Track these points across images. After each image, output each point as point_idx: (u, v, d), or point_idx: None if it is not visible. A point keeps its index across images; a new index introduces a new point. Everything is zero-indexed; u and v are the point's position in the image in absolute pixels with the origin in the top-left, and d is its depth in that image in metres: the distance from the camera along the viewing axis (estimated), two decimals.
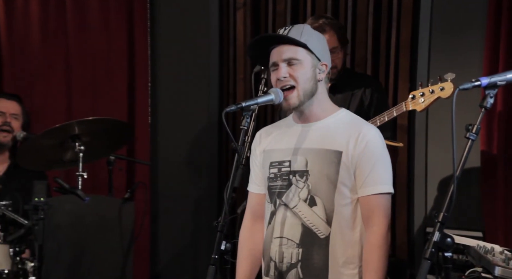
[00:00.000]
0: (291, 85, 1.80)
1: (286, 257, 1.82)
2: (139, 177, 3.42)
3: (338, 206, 1.79)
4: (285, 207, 1.83)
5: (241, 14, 3.37)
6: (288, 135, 1.88)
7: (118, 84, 3.48)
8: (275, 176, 1.86)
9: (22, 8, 3.39)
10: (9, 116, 2.99)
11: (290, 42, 1.80)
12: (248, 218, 1.96)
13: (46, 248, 2.47)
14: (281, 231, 1.83)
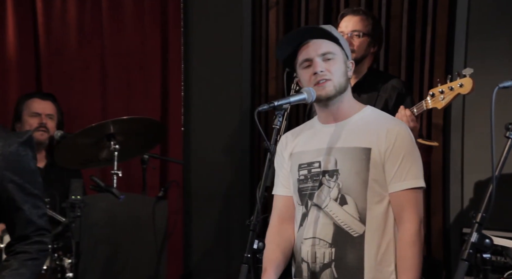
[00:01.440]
0: (328, 78, 1.80)
1: (319, 257, 1.81)
2: (172, 176, 3.46)
3: (371, 204, 1.78)
4: (317, 208, 1.83)
5: (273, 13, 3.36)
6: (315, 136, 1.87)
7: (151, 84, 3.52)
8: (305, 177, 1.86)
9: (59, 9, 3.47)
10: (44, 117, 3.05)
11: (324, 37, 1.81)
12: (275, 220, 1.94)
13: (83, 245, 2.52)
14: (313, 232, 1.82)
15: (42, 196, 1.60)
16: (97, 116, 3.45)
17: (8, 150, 1.52)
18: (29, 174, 1.55)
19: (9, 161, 1.52)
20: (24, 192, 1.54)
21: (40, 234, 1.57)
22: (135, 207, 2.87)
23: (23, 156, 1.54)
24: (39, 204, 1.57)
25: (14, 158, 1.53)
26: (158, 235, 2.87)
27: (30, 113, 3.03)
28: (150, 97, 3.52)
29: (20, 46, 3.43)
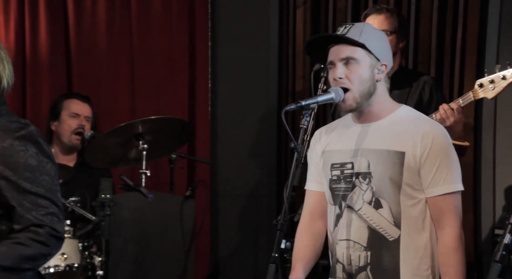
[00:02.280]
0: (346, 87, 1.77)
1: (354, 260, 1.79)
2: (200, 176, 3.48)
3: (406, 208, 1.75)
4: (350, 210, 1.81)
5: (301, 13, 3.35)
6: (348, 135, 1.85)
7: (179, 83, 3.55)
8: (338, 178, 1.83)
9: (90, 9, 3.52)
10: (83, 119, 3.10)
11: (348, 42, 1.78)
12: (306, 216, 1.93)
13: (112, 243, 2.55)
14: (347, 234, 1.80)
15: (50, 195, 1.49)
16: (126, 115, 3.49)
17: (1, 145, 1.47)
18: (27, 171, 1.47)
19: (2, 156, 1.46)
20: (18, 189, 1.46)
21: (32, 231, 1.48)
22: (163, 206, 2.90)
23: (19, 151, 1.47)
24: (41, 203, 1.48)
25: (8, 153, 1.46)
26: (185, 234, 2.89)
27: (69, 114, 3.08)
28: (178, 97, 3.54)
29: (52, 46, 3.49)
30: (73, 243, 2.57)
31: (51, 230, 1.48)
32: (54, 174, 1.52)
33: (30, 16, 3.46)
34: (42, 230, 1.47)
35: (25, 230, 1.48)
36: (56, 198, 1.51)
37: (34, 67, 3.48)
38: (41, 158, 1.50)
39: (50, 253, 1.51)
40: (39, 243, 1.47)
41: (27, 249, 1.46)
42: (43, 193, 1.48)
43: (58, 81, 3.51)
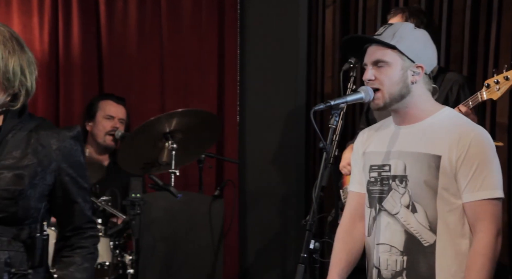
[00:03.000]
0: (376, 87, 1.76)
1: (390, 265, 1.77)
2: (228, 175, 3.48)
3: (442, 213, 1.72)
4: (386, 213, 1.78)
5: (330, 12, 3.33)
6: (387, 137, 1.83)
7: (208, 84, 3.56)
8: (375, 180, 1.81)
9: (121, 11, 3.56)
10: (117, 121, 3.14)
11: (378, 43, 1.76)
12: (347, 217, 1.91)
13: (143, 242, 2.58)
14: (384, 238, 1.78)
15: (89, 190, 1.65)
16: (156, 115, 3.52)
17: (63, 145, 1.56)
18: (80, 168, 1.59)
19: (65, 155, 1.55)
20: (77, 185, 1.58)
21: (91, 228, 1.62)
22: (192, 206, 2.91)
23: (75, 150, 1.58)
24: (88, 198, 1.62)
25: (69, 152, 1.57)
26: (214, 233, 2.90)
27: (104, 115, 3.13)
28: (207, 97, 3.56)
29: (84, 47, 3.54)
30: (105, 241, 2.60)
31: (95, 224, 1.65)
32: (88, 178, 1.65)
33: (63, 18, 3.52)
34: (95, 232, 1.63)
35: (86, 231, 1.61)
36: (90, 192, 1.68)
37: (67, 68, 3.54)
38: (84, 155, 1.62)
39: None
40: (96, 246, 1.63)
41: (96, 257, 1.63)
42: (88, 188, 1.63)
43: (89, 82, 3.56)
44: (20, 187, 1.51)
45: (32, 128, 1.57)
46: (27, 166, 1.53)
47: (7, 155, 1.54)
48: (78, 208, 1.59)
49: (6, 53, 1.52)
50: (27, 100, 1.59)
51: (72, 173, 1.57)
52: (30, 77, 1.57)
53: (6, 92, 1.54)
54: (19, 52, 1.55)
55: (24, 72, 1.55)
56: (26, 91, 1.57)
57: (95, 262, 1.62)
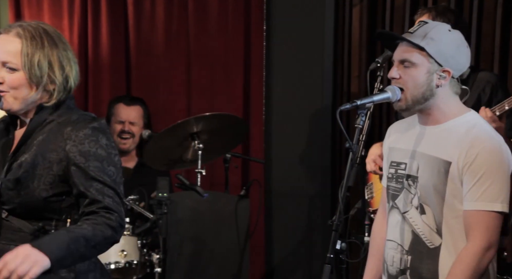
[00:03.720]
0: (400, 87, 1.74)
1: (396, 262, 1.77)
2: (254, 175, 3.49)
3: (448, 218, 1.70)
4: (398, 211, 1.78)
5: (357, 11, 3.30)
6: (409, 134, 1.81)
7: (234, 84, 3.58)
8: (392, 176, 1.82)
9: (149, 12, 3.60)
10: (127, 124, 3.16)
11: (410, 43, 1.73)
12: (381, 211, 1.92)
13: (170, 241, 2.60)
14: (393, 235, 1.79)
15: (114, 185, 1.53)
16: (182, 116, 3.54)
17: (76, 133, 1.53)
18: (96, 160, 1.52)
19: (76, 145, 1.52)
20: (86, 176, 1.51)
21: (108, 212, 1.51)
22: (218, 205, 2.93)
23: (91, 141, 1.52)
24: (107, 192, 1.51)
25: (82, 142, 1.52)
26: (240, 233, 2.91)
27: (115, 120, 3.16)
28: (232, 97, 3.57)
29: (112, 48, 3.59)
30: (132, 240, 2.63)
31: (120, 218, 1.53)
32: (119, 166, 1.57)
33: (92, 19, 3.58)
34: (113, 217, 1.51)
35: (96, 214, 1.52)
36: (120, 190, 1.55)
37: (95, 68, 3.60)
38: (110, 150, 1.55)
39: (115, 240, 1.55)
40: (111, 229, 1.51)
41: (105, 232, 1.51)
42: (109, 182, 1.52)
43: (117, 82, 3.61)
44: (14, 176, 1.52)
45: (61, 121, 1.56)
46: (28, 156, 1.54)
47: (27, 148, 1.56)
48: (85, 196, 1.51)
49: (31, 49, 1.54)
50: (64, 96, 1.58)
51: (81, 163, 1.51)
52: (62, 72, 1.57)
53: (36, 88, 1.56)
54: (49, 47, 1.56)
55: (53, 67, 1.55)
56: (60, 86, 1.57)
57: (100, 233, 1.50)
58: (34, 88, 1.56)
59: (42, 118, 1.58)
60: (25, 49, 1.54)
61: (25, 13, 3.60)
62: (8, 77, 1.55)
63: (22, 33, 1.55)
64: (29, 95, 1.56)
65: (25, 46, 1.54)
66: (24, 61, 1.54)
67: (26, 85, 1.55)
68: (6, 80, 1.55)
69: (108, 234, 1.51)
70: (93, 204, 1.52)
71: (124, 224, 1.55)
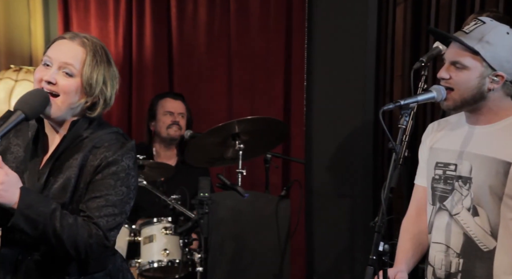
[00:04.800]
0: (448, 87, 1.70)
1: (445, 265, 1.73)
2: (294, 175, 3.49)
3: (505, 220, 1.66)
4: (447, 213, 1.74)
5: (401, 10, 3.25)
6: (457, 134, 1.77)
7: (275, 84, 3.58)
8: (439, 178, 1.77)
9: (191, 14, 3.65)
10: (177, 115, 3.24)
11: (463, 44, 1.68)
12: (413, 209, 1.89)
13: (211, 240, 2.62)
14: (441, 238, 1.75)
15: (119, 204, 1.55)
16: (223, 115, 3.58)
17: (105, 155, 1.56)
18: (112, 179, 1.54)
19: (104, 163, 1.56)
20: (95, 191, 1.54)
21: (96, 228, 1.52)
22: (259, 206, 2.93)
23: (115, 160, 1.56)
24: (106, 210, 1.53)
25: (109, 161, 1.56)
26: (281, 233, 2.91)
27: (163, 112, 3.23)
28: (273, 97, 3.58)
29: (156, 49, 3.66)
30: (175, 239, 2.67)
31: (103, 238, 1.53)
32: (133, 188, 1.59)
33: (137, 22, 3.66)
34: (98, 232, 1.52)
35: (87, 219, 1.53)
36: (123, 208, 1.56)
37: (139, 70, 3.67)
38: (130, 171, 1.58)
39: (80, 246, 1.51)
40: (87, 234, 1.51)
41: (82, 233, 1.51)
42: (113, 202, 1.54)
43: (160, 83, 3.67)
44: (61, 201, 1.54)
45: (95, 140, 1.58)
46: (70, 179, 1.55)
47: (63, 165, 1.57)
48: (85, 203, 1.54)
49: (94, 61, 1.58)
50: (103, 111, 1.62)
51: (98, 178, 1.54)
52: (111, 89, 1.62)
53: (86, 97, 1.59)
54: (106, 64, 1.60)
55: (106, 83, 1.60)
56: (105, 101, 1.61)
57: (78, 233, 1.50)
58: (84, 97, 1.59)
59: (76, 134, 1.60)
60: (88, 59, 1.58)
61: (73, 16, 3.72)
62: (62, 81, 1.57)
63: (87, 44, 1.60)
64: (77, 103, 1.59)
65: (89, 56, 1.58)
66: (85, 69, 1.57)
67: (78, 92, 1.58)
68: (60, 83, 1.57)
69: (83, 234, 1.51)
70: (87, 217, 1.54)
71: (104, 245, 1.53)
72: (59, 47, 1.59)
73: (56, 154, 1.59)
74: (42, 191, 1.56)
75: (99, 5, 3.66)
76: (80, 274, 1.57)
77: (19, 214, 1.46)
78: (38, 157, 1.60)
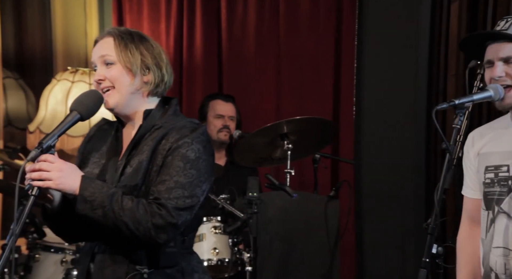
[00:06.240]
0: (508, 84, 1.65)
1: (509, 269, 1.68)
2: (343, 176, 3.45)
3: None
4: (505, 216, 1.69)
5: (455, 7, 3.16)
6: (504, 136, 1.73)
7: (324, 84, 3.56)
8: (491, 181, 1.73)
9: (241, 15, 3.68)
10: (227, 118, 3.25)
11: (508, 39, 1.65)
12: (465, 223, 1.87)
13: (260, 240, 2.63)
14: (503, 241, 1.70)
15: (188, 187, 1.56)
16: (272, 116, 3.59)
17: (176, 138, 1.59)
18: (181, 161, 1.56)
19: (174, 147, 1.58)
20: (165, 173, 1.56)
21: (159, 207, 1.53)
22: (307, 206, 2.92)
23: (184, 142, 1.58)
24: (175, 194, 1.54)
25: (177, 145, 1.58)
26: (330, 234, 2.89)
27: (214, 115, 3.25)
28: (322, 97, 3.56)
29: (205, 50, 3.71)
30: (224, 238, 2.69)
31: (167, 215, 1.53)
32: (204, 171, 1.60)
33: (187, 24, 3.72)
34: (161, 211, 1.53)
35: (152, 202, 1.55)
36: (193, 191, 1.57)
37: (189, 70, 3.73)
38: (200, 155, 1.59)
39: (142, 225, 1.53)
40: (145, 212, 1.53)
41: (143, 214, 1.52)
42: (182, 184, 1.56)
43: (210, 83, 3.72)
44: (133, 183, 1.58)
45: (168, 127, 1.62)
46: (141, 161, 1.60)
47: (137, 153, 1.63)
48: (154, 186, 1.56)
49: (122, 42, 1.65)
50: (161, 90, 1.66)
51: (168, 161, 1.56)
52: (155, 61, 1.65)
53: (133, 76, 1.64)
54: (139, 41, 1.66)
55: (145, 56, 1.65)
56: (156, 77, 1.65)
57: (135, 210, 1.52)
58: (131, 76, 1.64)
59: (150, 123, 1.65)
60: (117, 41, 1.65)
61: (127, 18, 3.83)
62: (107, 73, 1.65)
63: (112, 32, 1.68)
64: (130, 86, 1.65)
65: (116, 40, 1.66)
66: (118, 51, 1.64)
67: (124, 74, 1.64)
68: (107, 75, 1.65)
69: (145, 215, 1.52)
70: (155, 199, 1.56)
71: (170, 223, 1.54)
72: (95, 49, 1.69)
73: (132, 144, 1.65)
74: (118, 180, 1.62)
75: (151, 8, 3.75)
76: (150, 266, 1.59)
77: (80, 200, 1.52)
78: (118, 151, 1.68)
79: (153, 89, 1.67)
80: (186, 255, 1.66)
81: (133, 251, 1.59)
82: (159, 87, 1.67)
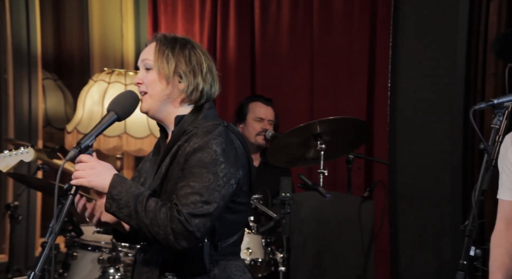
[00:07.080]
0: None
1: None
2: (378, 176, 3.41)
3: None
4: None
5: (495, 4, 3.09)
6: None
7: (358, 84, 3.53)
8: None
9: (274, 15, 3.68)
10: (267, 122, 3.24)
11: None
12: (500, 225, 1.83)
13: (293, 240, 2.62)
14: None
15: (204, 192, 1.51)
16: (304, 115, 3.57)
17: (195, 140, 1.56)
18: (196, 166, 1.53)
19: (193, 150, 1.56)
20: (182, 179, 1.54)
21: (178, 213, 1.50)
22: (341, 206, 2.90)
23: (202, 145, 1.55)
24: (192, 199, 1.50)
25: (195, 147, 1.56)
26: (364, 235, 2.86)
27: (254, 117, 3.24)
28: (356, 97, 3.52)
29: (239, 51, 3.73)
30: (257, 238, 2.69)
31: (181, 225, 1.49)
32: (223, 175, 1.54)
33: (221, 24, 3.75)
34: (180, 217, 1.50)
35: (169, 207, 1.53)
36: (210, 196, 1.52)
37: (222, 71, 3.72)
38: (218, 157, 1.54)
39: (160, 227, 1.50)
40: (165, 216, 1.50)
41: (163, 218, 1.50)
42: (197, 189, 1.51)
43: (243, 84, 3.73)
44: (152, 188, 1.59)
45: (195, 131, 1.61)
46: (161, 168, 1.61)
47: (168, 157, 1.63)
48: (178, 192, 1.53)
49: (162, 48, 1.65)
50: (197, 98, 1.65)
51: (185, 168, 1.54)
52: (191, 69, 1.64)
53: (166, 83, 1.64)
54: (180, 48, 1.65)
55: (181, 63, 1.63)
56: (190, 85, 1.64)
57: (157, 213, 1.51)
58: (164, 83, 1.64)
59: (182, 129, 1.64)
60: (157, 47, 1.66)
61: (162, 19, 3.88)
62: (145, 77, 1.67)
63: (157, 37, 1.69)
64: (164, 93, 1.65)
65: (158, 46, 1.67)
66: (156, 57, 1.65)
67: (158, 80, 1.65)
68: (144, 80, 1.67)
69: (164, 219, 1.49)
70: (174, 204, 1.53)
71: (186, 229, 1.49)
72: (142, 52, 1.71)
73: (166, 150, 1.65)
74: (149, 186, 1.64)
75: (186, 9, 3.79)
76: (177, 273, 1.57)
77: (109, 197, 1.54)
78: (158, 157, 1.69)
79: (187, 97, 1.65)
80: (221, 262, 1.61)
81: (165, 256, 1.59)
82: (193, 95, 1.65)
